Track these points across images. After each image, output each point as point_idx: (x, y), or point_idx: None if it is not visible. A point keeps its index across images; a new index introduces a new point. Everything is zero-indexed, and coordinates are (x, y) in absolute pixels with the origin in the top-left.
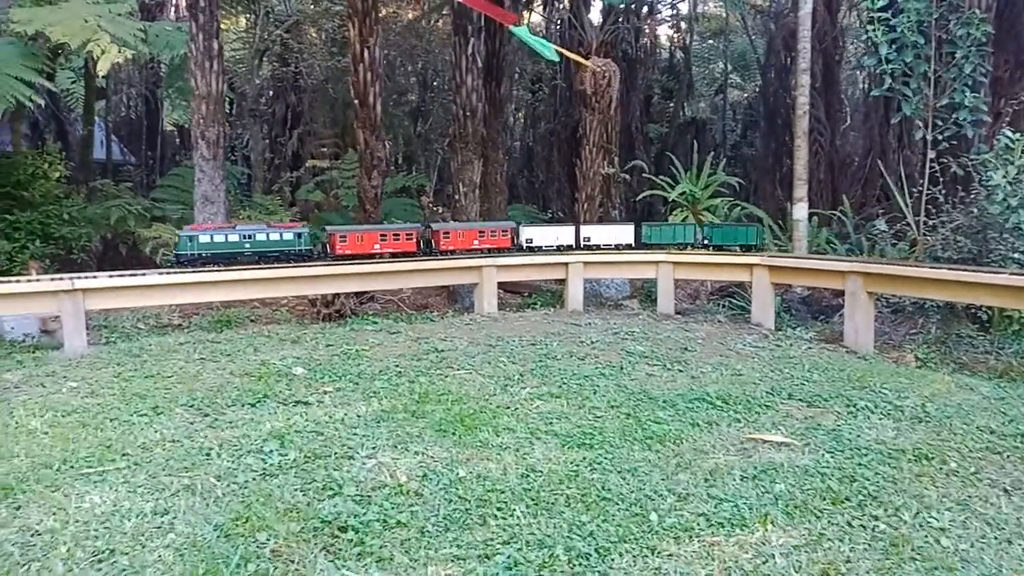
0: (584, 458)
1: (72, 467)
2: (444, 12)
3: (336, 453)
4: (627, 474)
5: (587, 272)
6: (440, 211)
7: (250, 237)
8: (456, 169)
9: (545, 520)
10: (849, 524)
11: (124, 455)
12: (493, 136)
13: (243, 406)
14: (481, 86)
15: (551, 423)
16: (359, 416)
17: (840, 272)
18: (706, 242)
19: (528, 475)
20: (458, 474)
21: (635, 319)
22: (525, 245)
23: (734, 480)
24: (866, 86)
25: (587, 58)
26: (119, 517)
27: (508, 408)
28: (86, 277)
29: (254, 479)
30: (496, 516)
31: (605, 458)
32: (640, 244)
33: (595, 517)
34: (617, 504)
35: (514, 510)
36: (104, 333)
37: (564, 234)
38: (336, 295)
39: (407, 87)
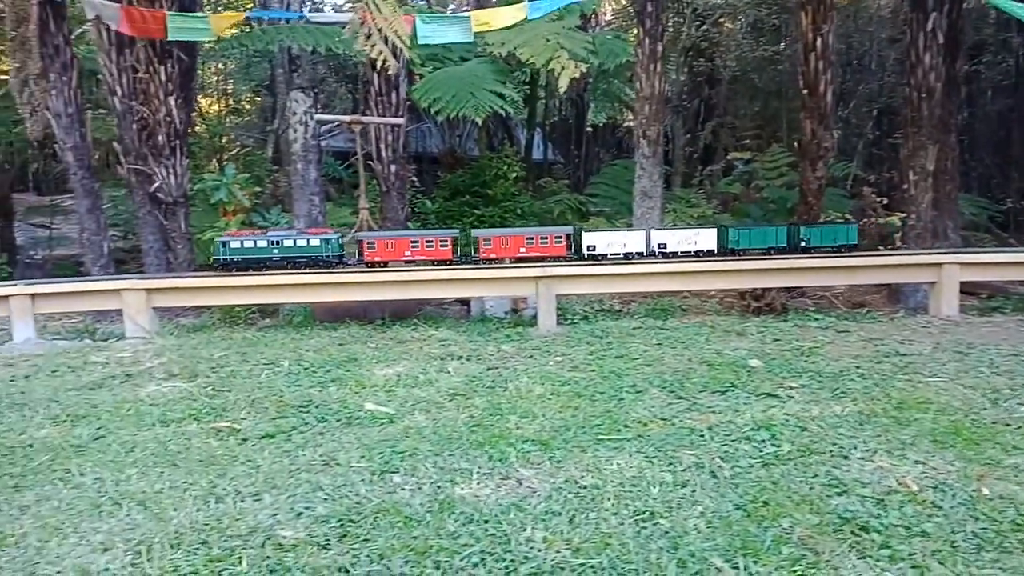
0: None
1: (586, 432)
2: None
3: (829, 451)
4: None
5: None
6: (881, 202)
7: (278, 243)
8: (905, 156)
9: None
10: None
11: (626, 427)
12: (945, 118)
13: (713, 393)
14: (940, 64)
15: None
16: (837, 416)
17: None
18: (803, 243)
19: None
20: (978, 491)
21: None
22: (587, 253)
23: None
24: None
25: None
26: (646, 483)
27: (1008, 425)
28: (556, 265)
29: (754, 466)
30: None
31: None
32: (724, 250)
33: None
34: None
35: None
36: (561, 315)
37: (633, 240)
38: (766, 289)
39: None
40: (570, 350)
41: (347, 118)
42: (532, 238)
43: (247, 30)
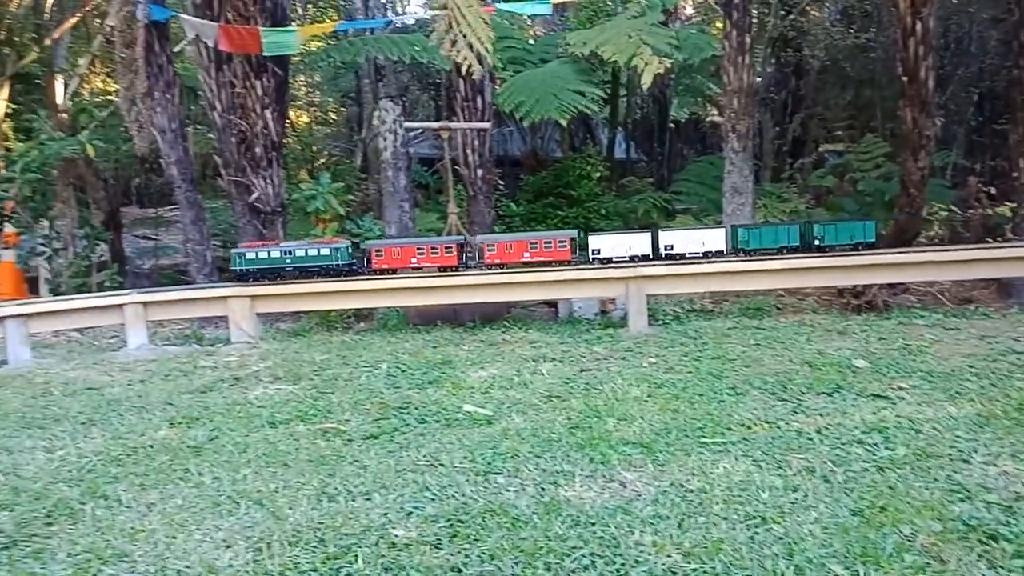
0: None
1: (688, 435)
2: None
3: (948, 455)
4: None
5: None
6: (987, 191)
7: (290, 253)
8: (1015, 142)
9: None
10: None
11: (729, 429)
12: None
13: (818, 394)
14: None
15: None
16: (953, 418)
17: None
18: (817, 243)
19: None
20: None
21: None
22: (592, 257)
23: None
24: None
25: None
26: (755, 488)
27: None
28: (644, 266)
29: (869, 470)
30: None
31: None
32: (733, 250)
33: None
34: None
35: None
36: (651, 315)
37: (639, 242)
38: (867, 286)
39: None
40: (664, 351)
41: (435, 124)
42: (536, 243)
43: (334, 43)
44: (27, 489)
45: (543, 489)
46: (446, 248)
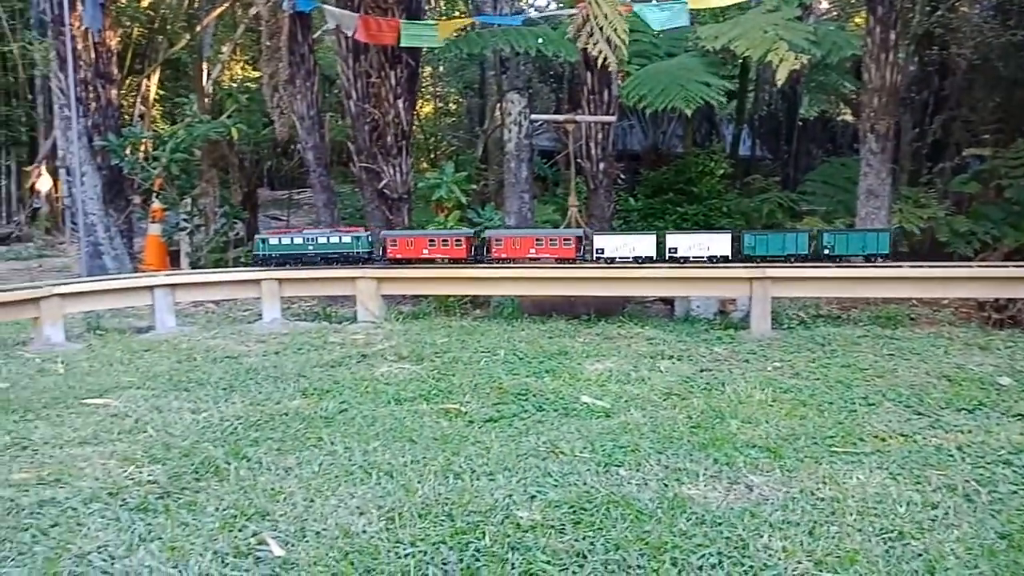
0: None
1: (817, 443)
2: None
3: None
4: None
5: None
6: None
7: (313, 240)
8: None
9: None
10: None
11: (861, 440)
12: None
13: (958, 410)
14: None
15: None
16: None
17: None
18: (826, 251)
19: None
20: None
21: None
22: (595, 256)
23: None
24: None
25: None
26: (891, 501)
27: None
28: (771, 266)
29: (1017, 492)
30: None
31: None
32: (739, 257)
33: None
34: None
35: None
36: (773, 318)
37: (643, 244)
38: (1011, 300)
39: None
40: (789, 356)
41: (561, 117)
42: (541, 239)
43: (457, 35)
44: (177, 446)
45: (666, 485)
46: (456, 241)
